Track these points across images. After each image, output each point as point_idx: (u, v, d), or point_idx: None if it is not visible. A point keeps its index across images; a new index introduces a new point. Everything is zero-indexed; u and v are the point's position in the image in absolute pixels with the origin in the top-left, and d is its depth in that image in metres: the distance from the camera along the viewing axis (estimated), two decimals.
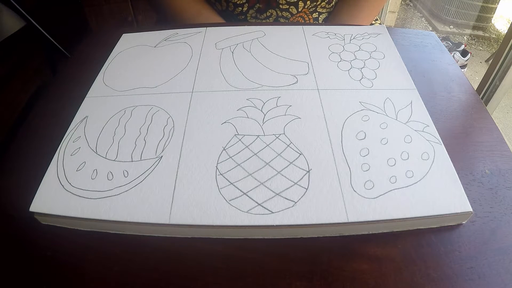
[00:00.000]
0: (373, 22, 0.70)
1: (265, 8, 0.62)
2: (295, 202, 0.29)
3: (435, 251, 0.28)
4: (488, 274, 0.27)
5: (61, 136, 0.36)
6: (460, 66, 0.85)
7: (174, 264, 0.28)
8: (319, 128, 0.35)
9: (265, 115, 0.37)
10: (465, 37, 2.26)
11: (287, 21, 0.63)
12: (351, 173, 0.31)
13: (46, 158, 0.34)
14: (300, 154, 0.33)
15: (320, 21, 0.66)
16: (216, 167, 0.32)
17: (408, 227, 0.30)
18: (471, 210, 0.29)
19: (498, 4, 2.20)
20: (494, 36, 2.23)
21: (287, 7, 0.61)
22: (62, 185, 0.31)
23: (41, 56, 1.00)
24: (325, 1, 0.63)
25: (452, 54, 1.87)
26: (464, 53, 1.88)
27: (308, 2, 0.61)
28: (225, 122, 0.36)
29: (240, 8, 0.62)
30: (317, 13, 0.65)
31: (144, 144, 0.34)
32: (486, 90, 1.09)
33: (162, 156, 0.33)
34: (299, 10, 0.62)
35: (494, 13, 2.24)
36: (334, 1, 0.64)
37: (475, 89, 0.59)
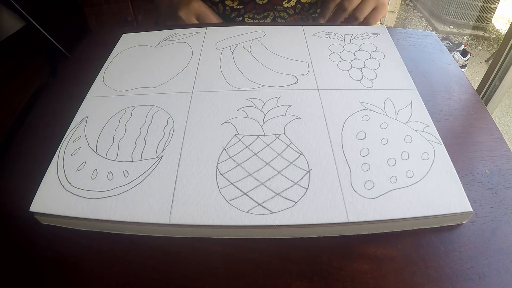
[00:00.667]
0: None
1: (262, 12, 0.62)
2: (295, 202, 0.29)
3: (435, 251, 0.28)
4: (488, 274, 0.27)
5: (61, 136, 0.36)
6: (460, 66, 0.85)
7: (174, 264, 0.28)
8: (319, 128, 0.35)
9: (265, 115, 0.37)
10: (465, 37, 2.26)
11: (284, 21, 0.63)
12: (351, 173, 0.31)
13: (46, 158, 0.34)
14: (300, 154, 0.33)
15: None
16: (216, 167, 0.32)
17: (408, 227, 0.30)
18: (471, 210, 0.29)
19: (498, 4, 2.20)
20: (494, 36, 2.23)
21: (284, 9, 0.61)
22: (62, 185, 0.31)
23: (41, 56, 1.00)
24: None
25: (452, 54, 1.88)
26: (464, 53, 1.89)
27: (307, 5, 0.61)
28: (225, 122, 0.36)
29: (237, 12, 0.62)
30: (316, 14, 0.65)
31: (144, 144, 0.34)
32: (486, 90, 1.09)
33: (162, 156, 0.33)
34: (297, 11, 0.62)
35: (494, 13, 2.24)
36: None
37: (475, 89, 0.59)
